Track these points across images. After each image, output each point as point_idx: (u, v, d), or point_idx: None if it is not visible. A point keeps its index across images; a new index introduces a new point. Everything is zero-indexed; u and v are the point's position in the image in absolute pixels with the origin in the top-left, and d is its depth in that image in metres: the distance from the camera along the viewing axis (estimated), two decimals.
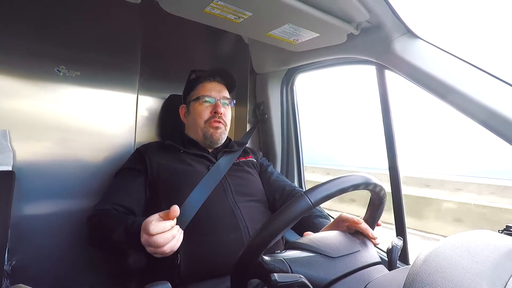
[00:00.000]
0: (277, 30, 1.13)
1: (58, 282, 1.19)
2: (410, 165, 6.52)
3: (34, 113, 1.18)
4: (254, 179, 1.23)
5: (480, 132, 0.86)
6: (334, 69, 1.52)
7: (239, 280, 0.64)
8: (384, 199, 0.76)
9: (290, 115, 1.76)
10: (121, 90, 1.39)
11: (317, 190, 0.60)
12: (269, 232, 0.58)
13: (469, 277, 0.40)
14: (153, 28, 1.49)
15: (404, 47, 1.06)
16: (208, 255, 0.95)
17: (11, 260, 1.08)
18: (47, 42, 1.21)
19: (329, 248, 0.67)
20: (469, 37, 22.69)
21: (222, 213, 1.02)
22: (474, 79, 0.91)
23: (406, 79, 1.06)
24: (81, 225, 1.19)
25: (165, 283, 0.55)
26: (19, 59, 1.15)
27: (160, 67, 1.53)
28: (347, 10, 1.02)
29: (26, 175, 1.14)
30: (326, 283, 0.61)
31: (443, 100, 0.94)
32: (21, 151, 1.14)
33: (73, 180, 1.25)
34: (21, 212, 1.13)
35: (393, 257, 0.73)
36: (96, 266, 1.25)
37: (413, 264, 0.44)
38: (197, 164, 1.15)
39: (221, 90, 1.26)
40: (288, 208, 0.58)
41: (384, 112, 1.23)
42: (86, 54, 1.29)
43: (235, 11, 1.00)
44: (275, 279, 0.54)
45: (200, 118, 1.21)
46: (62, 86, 1.23)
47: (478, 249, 0.47)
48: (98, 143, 1.32)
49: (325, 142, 12.00)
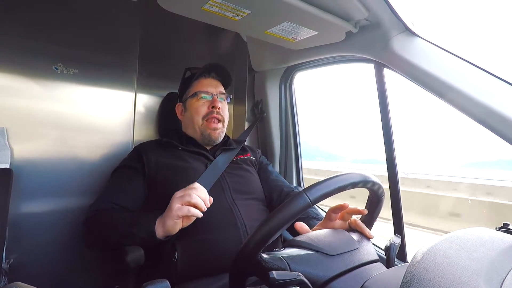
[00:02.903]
0: (275, 28, 1.13)
1: (56, 279, 1.19)
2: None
3: (31, 111, 1.17)
4: (253, 177, 1.23)
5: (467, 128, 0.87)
6: (333, 67, 1.52)
7: (237, 277, 0.64)
8: (382, 197, 0.76)
9: (289, 113, 1.76)
10: (119, 88, 1.39)
11: (315, 188, 0.60)
12: (267, 229, 0.58)
13: (467, 275, 0.40)
14: (151, 25, 1.48)
15: (403, 45, 1.06)
16: (205, 253, 0.95)
17: (9, 258, 1.08)
18: (45, 39, 1.20)
19: (327, 246, 0.67)
20: (467, 35, 22.82)
21: (220, 211, 1.02)
22: (473, 77, 0.91)
23: (405, 77, 1.06)
24: (79, 223, 1.19)
25: (164, 281, 0.55)
26: (17, 57, 1.15)
27: (158, 65, 1.53)
28: (346, 8, 1.02)
29: (23, 173, 1.14)
30: (324, 281, 0.61)
31: (441, 98, 0.94)
32: (18, 148, 1.14)
33: (71, 177, 1.25)
34: (19, 210, 1.13)
35: (391, 255, 0.73)
36: (94, 264, 1.25)
37: (411, 262, 0.44)
38: (195, 161, 1.15)
39: (217, 85, 1.26)
40: (287, 206, 0.58)
41: (382, 110, 1.23)
42: (83, 52, 1.28)
43: (233, 8, 0.99)
44: (273, 276, 0.54)
45: (198, 115, 1.20)
46: (59, 84, 1.23)
47: (476, 247, 0.47)
48: (96, 141, 1.32)
49: (323, 138, 12.08)
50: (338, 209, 0.85)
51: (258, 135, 1.86)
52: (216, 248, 0.95)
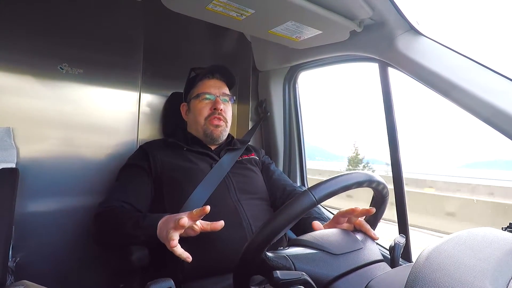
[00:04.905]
0: (279, 27, 1.13)
1: (62, 278, 1.20)
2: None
3: (37, 111, 1.18)
4: (257, 177, 1.23)
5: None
6: (337, 66, 1.52)
7: (242, 276, 0.64)
8: (387, 197, 0.76)
9: (293, 112, 1.76)
10: (123, 88, 1.40)
11: (321, 187, 0.60)
12: (272, 228, 0.58)
13: (472, 275, 0.40)
14: (156, 25, 1.49)
15: (407, 44, 1.06)
16: (211, 253, 0.95)
17: (16, 257, 1.09)
18: (50, 39, 1.21)
19: (332, 245, 0.67)
20: (472, 33, 22.65)
21: (225, 211, 1.02)
22: (478, 77, 0.90)
23: (409, 77, 1.05)
24: (84, 222, 1.20)
25: (168, 280, 0.56)
26: (22, 57, 1.16)
27: (162, 64, 1.53)
28: (350, 7, 1.01)
29: (29, 172, 1.15)
30: (329, 280, 0.61)
31: (447, 98, 0.94)
32: (24, 148, 1.15)
33: (76, 177, 1.26)
34: (25, 209, 1.14)
35: (396, 255, 0.73)
36: (100, 263, 1.26)
37: (416, 262, 0.43)
38: (200, 161, 1.15)
39: (221, 86, 1.26)
40: (292, 205, 0.58)
41: (386, 109, 1.22)
42: (88, 52, 1.29)
43: (237, 8, 0.99)
44: (277, 276, 0.54)
45: (200, 116, 1.21)
46: (65, 84, 1.24)
47: (481, 247, 0.46)
48: (101, 140, 1.33)
49: (323, 137, 12.10)
50: (348, 213, 0.82)
51: (262, 134, 1.85)
52: (221, 247, 0.95)
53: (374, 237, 0.78)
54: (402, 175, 1.19)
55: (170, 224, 0.81)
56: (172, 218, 0.83)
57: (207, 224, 0.84)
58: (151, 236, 0.86)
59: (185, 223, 0.77)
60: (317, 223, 0.88)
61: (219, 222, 0.84)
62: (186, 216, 0.79)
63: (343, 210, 0.85)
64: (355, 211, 0.81)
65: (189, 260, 0.78)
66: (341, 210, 0.85)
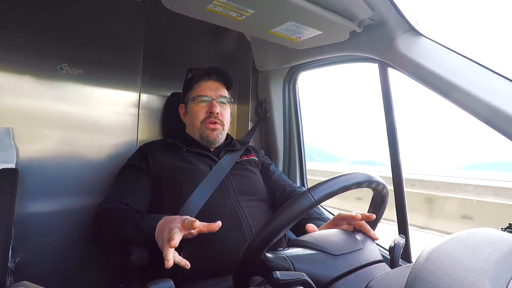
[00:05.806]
0: (279, 28, 1.13)
1: (62, 278, 1.20)
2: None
3: (36, 111, 1.18)
4: (257, 178, 1.23)
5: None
6: (337, 66, 1.52)
7: (241, 276, 0.64)
8: (386, 198, 0.76)
9: (292, 113, 1.76)
10: (123, 88, 1.40)
11: (320, 188, 0.60)
12: (272, 229, 0.58)
13: (472, 275, 0.40)
14: (155, 26, 1.49)
15: (407, 44, 1.06)
16: (210, 254, 0.95)
17: (15, 257, 1.09)
18: (50, 39, 1.21)
19: (331, 246, 0.67)
20: (472, 34, 22.62)
21: (224, 212, 1.02)
22: (478, 77, 0.90)
23: (409, 77, 1.06)
24: (84, 222, 1.20)
25: (168, 281, 0.56)
26: (22, 57, 1.16)
27: (162, 65, 1.53)
28: (350, 7, 1.01)
29: (29, 173, 1.15)
30: (328, 281, 0.61)
31: (447, 98, 0.94)
32: (24, 148, 1.15)
33: (75, 177, 1.26)
34: (24, 209, 1.14)
35: (395, 255, 0.73)
36: (99, 263, 1.26)
37: (415, 262, 0.43)
38: (200, 163, 1.15)
39: (218, 88, 1.23)
40: (292, 205, 0.58)
41: (386, 110, 1.23)
42: (88, 52, 1.29)
43: (237, 8, 0.99)
44: (277, 276, 0.54)
45: (197, 119, 1.20)
46: (64, 84, 1.24)
47: (481, 247, 0.47)
48: (101, 140, 1.33)
49: (322, 138, 12.06)
50: (348, 219, 0.82)
51: (262, 135, 1.85)
52: (221, 249, 0.95)
53: (373, 237, 0.78)
54: (402, 175, 1.19)
55: (177, 223, 0.81)
56: (178, 219, 0.84)
57: (204, 226, 0.82)
58: (149, 237, 0.86)
59: (197, 226, 0.78)
60: (311, 226, 0.87)
61: (216, 222, 0.82)
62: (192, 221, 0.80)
63: (344, 214, 0.84)
64: (356, 218, 0.80)
65: (188, 267, 0.78)
66: (342, 214, 0.85)
